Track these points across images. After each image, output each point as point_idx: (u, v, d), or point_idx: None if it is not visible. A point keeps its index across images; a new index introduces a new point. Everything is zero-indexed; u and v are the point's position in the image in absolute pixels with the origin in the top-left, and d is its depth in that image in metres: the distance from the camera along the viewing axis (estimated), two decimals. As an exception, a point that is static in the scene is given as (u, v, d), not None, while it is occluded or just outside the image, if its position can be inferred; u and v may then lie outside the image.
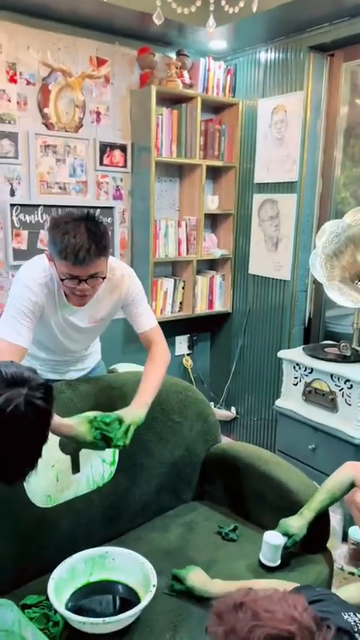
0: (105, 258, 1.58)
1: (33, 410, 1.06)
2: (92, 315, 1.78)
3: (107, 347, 2.22)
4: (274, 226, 3.15)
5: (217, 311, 3.54)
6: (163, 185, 3.28)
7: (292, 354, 2.75)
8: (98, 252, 1.52)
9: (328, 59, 2.90)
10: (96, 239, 1.51)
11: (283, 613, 0.89)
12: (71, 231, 1.49)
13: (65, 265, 1.52)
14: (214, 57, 3.22)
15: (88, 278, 1.56)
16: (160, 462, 1.98)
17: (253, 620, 0.89)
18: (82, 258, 1.49)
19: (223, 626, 0.90)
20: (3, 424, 1.03)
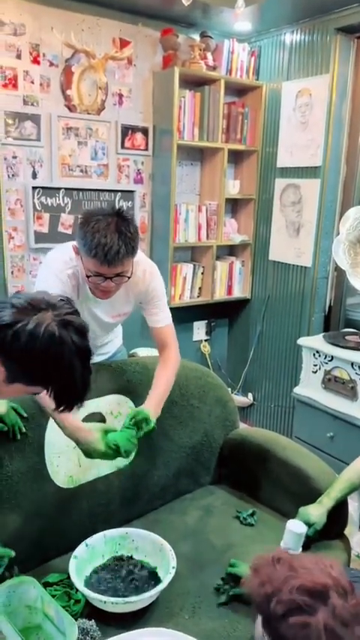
0: (133, 257, 1.58)
1: (66, 327, 1.07)
2: (116, 308, 1.79)
3: (128, 332, 2.23)
4: (296, 212, 3.11)
5: (235, 297, 3.53)
6: (184, 169, 3.26)
7: (312, 341, 2.74)
8: (127, 253, 1.52)
9: (355, 42, 2.83)
10: (126, 240, 1.50)
11: (319, 570, 0.92)
12: (102, 230, 1.48)
13: (93, 263, 1.52)
14: (239, 39, 3.16)
15: (114, 276, 1.56)
16: (179, 445, 1.99)
17: (289, 571, 0.92)
18: (111, 259, 1.49)
19: (258, 578, 0.93)
20: (43, 348, 1.04)
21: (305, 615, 0.88)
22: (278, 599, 0.91)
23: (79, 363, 1.09)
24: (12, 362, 1.07)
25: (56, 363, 1.06)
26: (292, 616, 0.89)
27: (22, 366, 1.07)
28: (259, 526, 1.85)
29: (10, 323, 1.04)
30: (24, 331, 1.04)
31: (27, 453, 1.60)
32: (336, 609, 0.88)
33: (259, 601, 0.93)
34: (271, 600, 0.91)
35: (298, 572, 0.93)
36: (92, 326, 1.81)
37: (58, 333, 1.05)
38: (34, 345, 1.04)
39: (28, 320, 1.04)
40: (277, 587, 0.91)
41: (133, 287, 1.72)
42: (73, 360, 1.07)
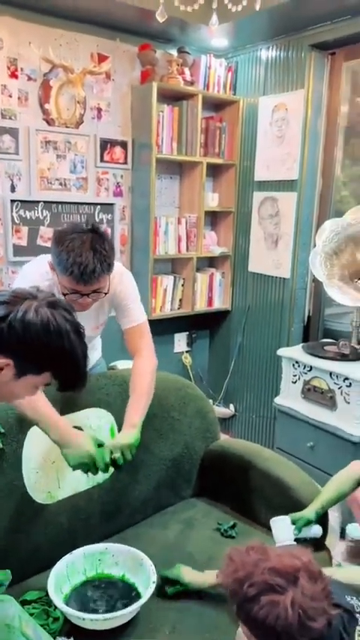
0: (109, 274, 1.58)
1: (55, 307, 1.13)
2: (94, 319, 1.79)
3: (107, 344, 2.23)
4: (274, 224, 3.15)
5: (216, 308, 3.55)
6: (163, 182, 3.28)
7: (291, 352, 2.76)
8: (103, 271, 1.52)
9: (329, 58, 2.90)
10: (101, 258, 1.50)
11: (290, 555, 0.99)
12: (77, 248, 1.48)
13: (69, 281, 1.52)
14: (216, 54, 3.21)
15: (91, 293, 1.56)
16: (159, 458, 1.98)
17: (261, 556, 0.99)
18: (87, 278, 1.49)
19: (232, 565, 1.00)
20: (41, 332, 1.09)
21: (276, 594, 0.94)
22: (251, 582, 0.96)
23: (76, 338, 1.14)
24: (16, 354, 1.10)
25: (57, 342, 1.11)
26: (263, 596, 0.94)
27: (26, 355, 1.11)
28: (240, 538, 1.84)
29: (1, 317, 1.09)
30: (16, 320, 1.08)
31: (4, 469, 1.58)
32: (305, 589, 0.94)
33: (233, 587, 0.98)
34: (244, 584, 0.97)
35: (270, 556, 0.99)
36: None
37: (51, 314, 1.11)
38: (31, 331, 1.09)
39: (17, 309, 1.09)
40: (250, 571, 0.97)
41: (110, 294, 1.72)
42: (70, 336, 1.12)
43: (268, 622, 0.94)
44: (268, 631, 0.95)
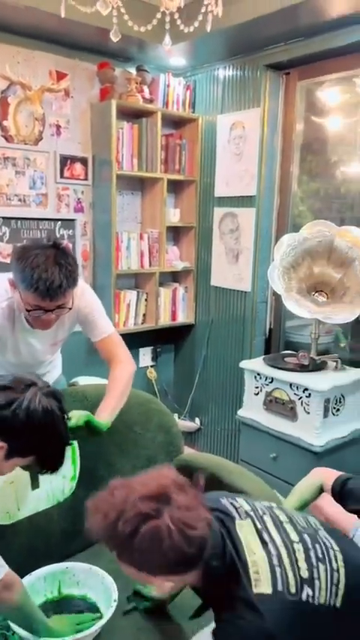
0: (74, 289, 1.59)
1: (49, 397, 1.25)
2: (53, 336, 1.78)
3: (69, 360, 2.21)
4: (234, 239, 3.21)
5: (180, 322, 3.57)
6: (124, 198, 3.30)
7: (252, 364, 2.80)
8: (69, 286, 1.53)
9: (283, 77, 2.99)
10: (67, 273, 1.51)
11: (153, 478, 1.04)
12: (42, 264, 1.47)
13: (34, 298, 1.51)
14: (174, 73, 3.27)
15: (55, 309, 1.56)
16: (121, 474, 1.92)
17: (126, 491, 1.01)
18: (53, 293, 1.49)
19: (100, 512, 1.00)
20: (41, 421, 1.21)
21: (153, 520, 0.95)
22: (124, 519, 0.96)
23: (63, 428, 1.28)
24: (12, 438, 1.20)
25: (51, 431, 1.23)
26: (141, 527, 0.95)
27: (21, 440, 1.21)
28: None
29: (5, 404, 1.19)
30: (21, 408, 1.19)
31: None
32: (178, 503, 0.98)
33: (107, 533, 0.99)
34: (117, 524, 0.96)
35: (135, 487, 1.01)
36: (28, 358, 1.79)
37: (49, 405, 1.23)
38: (34, 419, 1.20)
39: (22, 398, 1.20)
40: (121, 509, 0.97)
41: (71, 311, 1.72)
42: (60, 426, 1.26)
43: (154, 549, 0.96)
44: (157, 558, 0.98)
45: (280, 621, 1.02)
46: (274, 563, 1.07)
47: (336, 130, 3.08)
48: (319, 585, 1.08)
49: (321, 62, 2.79)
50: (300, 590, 1.06)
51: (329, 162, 3.16)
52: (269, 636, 1.00)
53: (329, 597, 1.08)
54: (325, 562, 1.12)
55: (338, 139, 3.08)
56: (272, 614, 1.02)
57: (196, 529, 0.98)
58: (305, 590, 1.06)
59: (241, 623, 1.01)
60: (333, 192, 3.19)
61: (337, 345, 3.03)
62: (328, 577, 1.10)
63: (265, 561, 1.06)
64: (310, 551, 1.12)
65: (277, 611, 1.03)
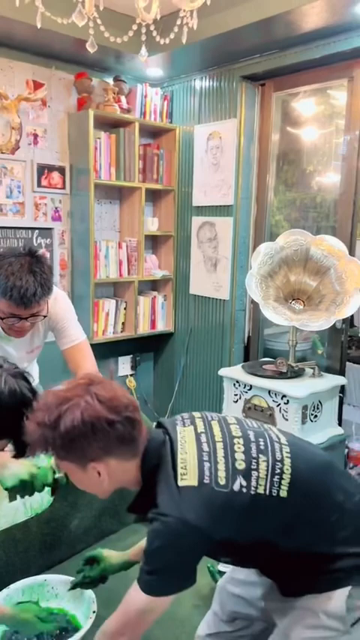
0: (49, 297, 1.58)
1: (17, 378, 1.21)
2: (29, 343, 1.77)
3: (46, 369, 2.19)
4: (212, 248, 3.23)
5: (159, 331, 3.57)
6: (103, 207, 3.30)
7: (231, 371, 2.81)
8: (43, 294, 1.52)
9: (259, 89, 3.03)
10: (42, 280, 1.51)
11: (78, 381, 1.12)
12: (17, 272, 1.48)
13: (8, 305, 1.51)
14: (151, 83, 3.30)
15: (30, 317, 1.55)
16: (100, 485, 1.96)
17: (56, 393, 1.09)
18: (27, 301, 1.49)
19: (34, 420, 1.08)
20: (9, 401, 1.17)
21: (74, 399, 1.06)
22: (50, 413, 1.06)
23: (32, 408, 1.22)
24: None
25: (21, 413, 1.15)
26: (63, 407, 1.05)
27: None
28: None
29: None
30: None
31: None
32: (98, 390, 1.08)
33: (40, 432, 1.06)
34: (45, 420, 1.06)
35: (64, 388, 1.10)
36: None
37: (17, 386, 1.19)
38: (0, 401, 1.16)
39: None
40: (50, 409, 1.06)
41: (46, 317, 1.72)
42: (29, 406, 1.18)
43: (78, 423, 1.04)
44: (82, 434, 1.05)
45: (204, 512, 1.05)
46: (203, 459, 1.11)
47: (311, 141, 3.14)
48: (256, 475, 1.11)
49: (296, 74, 2.84)
50: (231, 482, 1.09)
51: (305, 172, 3.22)
52: (193, 527, 1.04)
53: (270, 487, 1.10)
54: (267, 453, 1.14)
55: (313, 150, 3.14)
56: (195, 506, 1.05)
57: (116, 400, 1.08)
58: (238, 481, 1.09)
59: (167, 519, 1.05)
60: (309, 202, 3.25)
61: (314, 352, 3.06)
62: (269, 468, 1.12)
63: (195, 457, 1.11)
64: (252, 444, 1.16)
65: (201, 502, 1.06)
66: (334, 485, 1.19)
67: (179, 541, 1.05)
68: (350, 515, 1.17)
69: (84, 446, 1.07)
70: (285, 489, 1.12)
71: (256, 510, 1.10)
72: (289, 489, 1.12)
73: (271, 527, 1.12)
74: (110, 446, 1.09)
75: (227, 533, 1.08)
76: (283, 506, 1.11)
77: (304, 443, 1.27)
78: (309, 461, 1.19)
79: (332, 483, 1.19)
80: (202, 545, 1.08)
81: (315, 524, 1.15)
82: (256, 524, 1.11)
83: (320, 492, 1.16)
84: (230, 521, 1.08)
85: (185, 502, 1.06)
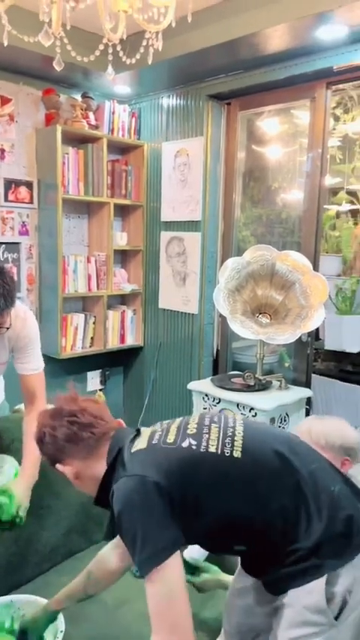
0: (11, 309, 1.57)
1: None
2: None
3: (13, 386, 2.17)
4: (181, 262, 3.26)
5: (129, 345, 3.57)
6: (71, 221, 3.30)
7: (200, 385, 2.83)
8: (7, 306, 1.52)
9: (225, 107, 3.10)
10: (4, 292, 1.50)
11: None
12: None
13: None
14: (119, 100, 3.33)
15: None
16: (68, 503, 1.94)
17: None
18: None
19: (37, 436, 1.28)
20: None
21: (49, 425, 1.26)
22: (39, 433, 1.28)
23: None
24: None
25: None
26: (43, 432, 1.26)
27: None
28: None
29: None
30: None
31: None
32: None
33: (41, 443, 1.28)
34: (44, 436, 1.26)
35: None
36: None
37: None
38: None
39: None
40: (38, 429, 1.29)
41: (8, 332, 1.70)
42: None
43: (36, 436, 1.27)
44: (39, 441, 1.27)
45: (151, 463, 1.13)
46: (156, 432, 1.23)
47: (276, 159, 3.22)
48: (207, 437, 1.18)
49: (260, 94, 2.92)
50: (180, 441, 1.17)
51: (270, 189, 3.29)
52: (142, 479, 1.09)
53: (222, 447, 1.16)
54: (220, 423, 1.23)
55: (278, 167, 3.21)
56: (142, 462, 1.14)
57: (59, 409, 1.26)
58: (187, 440, 1.17)
59: (119, 483, 1.13)
60: (275, 218, 3.32)
61: (281, 365, 3.11)
62: (221, 432, 1.20)
63: (148, 434, 1.23)
64: (205, 419, 1.25)
65: (148, 457, 1.15)
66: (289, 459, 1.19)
67: (136, 497, 1.09)
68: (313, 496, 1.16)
69: (45, 451, 1.27)
70: (239, 450, 1.16)
71: (208, 467, 1.14)
72: (243, 451, 1.16)
73: (229, 493, 1.14)
74: (62, 447, 1.23)
75: (182, 490, 1.11)
76: (237, 467, 1.15)
77: (268, 425, 1.34)
78: (262, 431, 1.27)
79: (288, 458, 1.19)
80: (160, 499, 1.08)
81: (271, 495, 1.15)
82: (213, 486, 1.13)
83: (270, 461, 1.17)
84: (180, 474, 1.12)
85: (134, 462, 1.15)
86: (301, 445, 1.29)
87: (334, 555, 1.14)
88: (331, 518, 1.14)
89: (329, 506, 1.16)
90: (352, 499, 1.21)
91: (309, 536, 1.13)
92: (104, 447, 1.24)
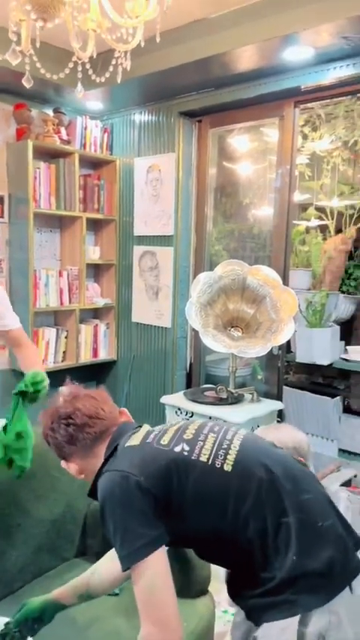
0: None
1: None
2: None
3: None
4: (154, 276, 3.28)
5: (102, 359, 3.55)
6: (43, 235, 3.29)
7: (173, 399, 2.83)
8: None
9: (196, 124, 3.15)
10: None
11: None
12: None
13: None
14: (91, 116, 3.35)
15: None
16: (38, 520, 1.91)
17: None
18: None
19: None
20: None
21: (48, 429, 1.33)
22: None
23: None
24: None
25: None
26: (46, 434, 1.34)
27: None
28: (123, 595, 1.81)
29: None
30: None
31: None
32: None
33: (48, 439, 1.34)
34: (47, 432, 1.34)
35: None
36: None
37: None
38: None
39: None
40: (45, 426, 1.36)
41: None
42: None
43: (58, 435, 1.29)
44: (46, 442, 1.33)
45: (138, 462, 1.15)
46: (152, 430, 1.26)
47: (247, 175, 3.28)
48: (201, 445, 1.18)
49: (231, 111, 2.97)
50: (174, 444, 1.19)
51: (242, 204, 3.34)
52: (126, 476, 1.12)
53: (213, 458, 1.16)
54: (218, 434, 1.23)
55: (249, 183, 3.27)
56: (130, 458, 1.17)
57: (56, 411, 1.31)
58: (181, 445, 1.18)
59: (107, 474, 1.17)
60: (246, 233, 3.37)
61: (254, 378, 3.14)
62: (217, 442, 1.19)
63: (144, 431, 1.26)
64: (205, 427, 1.26)
65: (136, 455, 1.17)
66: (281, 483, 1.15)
67: (117, 491, 1.11)
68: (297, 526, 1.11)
69: (53, 450, 1.35)
70: (230, 464, 1.15)
71: (195, 475, 1.14)
72: (234, 465, 1.15)
73: (211, 505, 1.13)
74: (63, 447, 1.30)
75: (166, 493, 1.12)
76: (225, 480, 1.14)
77: (268, 443, 1.30)
78: (260, 449, 1.23)
79: (279, 481, 1.15)
80: (143, 496, 1.10)
81: (252, 516, 1.11)
82: (196, 495, 1.13)
83: (259, 481, 1.13)
84: (167, 477, 1.13)
85: (122, 457, 1.18)
86: (301, 472, 1.23)
87: (310, 592, 1.09)
88: (311, 554, 1.10)
89: (311, 541, 1.11)
90: (341, 538, 1.16)
91: (284, 566, 1.09)
92: (103, 444, 1.27)
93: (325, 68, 2.49)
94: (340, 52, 2.36)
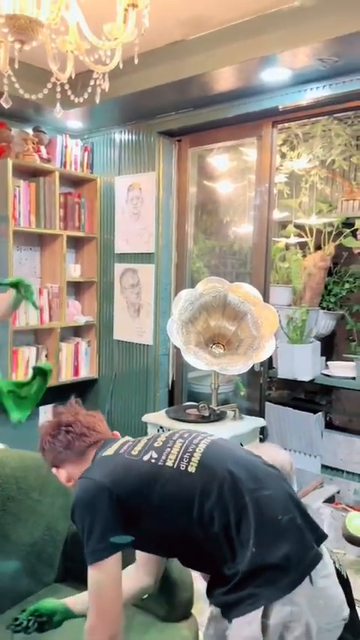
0: None
1: None
2: None
3: None
4: (135, 294, 3.27)
5: (83, 377, 3.52)
6: (22, 253, 3.27)
7: (155, 417, 2.81)
8: None
9: (176, 144, 3.18)
10: None
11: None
12: None
13: None
14: (71, 135, 3.37)
15: None
16: (17, 544, 1.86)
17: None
18: None
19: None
20: None
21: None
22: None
23: None
24: None
25: None
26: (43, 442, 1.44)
27: None
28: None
29: None
30: None
31: None
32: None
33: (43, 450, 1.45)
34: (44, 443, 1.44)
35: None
36: None
37: None
38: None
39: None
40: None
41: None
42: None
43: (51, 444, 1.40)
44: (57, 448, 1.40)
45: (109, 470, 1.25)
46: (127, 441, 1.35)
47: (226, 193, 3.31)
48: (168, 451, 1.27)
49: (210, 131, 3.01)
50: (143, 454, 1.28)
51: (222, 222, 3.37)
52: (98, 483, 1.22)
53: (179, 461, 1.25)
54: (186, 439, 1.31)
55: (229, 201, 3.30)
56: (102, 467, 1.27)
57: (58, 420, 1.43)
58: (149, 453, 1.27)
59: (81, 480, 1.27)
60: (227, 250, 3.39)
61: (237, 394, 3.13)
62: (183, 447, 1.28)
63: (120, 442, 1.35)
64: (175, 434, 1.35)
65: (108, 464, 1.28)
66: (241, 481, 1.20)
67: (87, 497, 1.22)
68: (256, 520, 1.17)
69: (46, 457, 1.45)
70: (194, 465, 1.23)
71: (163, 480, 1.22)
72: (198, 466, 1.23)
73: (179, 506, 1.20)
74: (59, 453, 1.40)
75: (136, 499, 1.21)
76: (189, 481, 1.21)
77: (235, 447, 1.37)
78: (224, 451, 1.29)
79: (240, 479, 1.20)
80: (110, 503, 1.20)
81: (215, 513, 1.18)
82: (165, 498, 1.21)
83: (221, 480, 1.20)
84: (137, 485, 1.22)
85: (97, 466, 1.30)
86: (265, 471, 1.29)
87: (271, 584, 1.15)
88: (269, 547, 1.16)
89: (270, 535, 1.17)
90: (300, 531, 1.20)
91: (244, 560, 1.15)
92: (92, 453, 1.38)
93: (302, 89, 2.54)
94: (316, 74, 2.41)
